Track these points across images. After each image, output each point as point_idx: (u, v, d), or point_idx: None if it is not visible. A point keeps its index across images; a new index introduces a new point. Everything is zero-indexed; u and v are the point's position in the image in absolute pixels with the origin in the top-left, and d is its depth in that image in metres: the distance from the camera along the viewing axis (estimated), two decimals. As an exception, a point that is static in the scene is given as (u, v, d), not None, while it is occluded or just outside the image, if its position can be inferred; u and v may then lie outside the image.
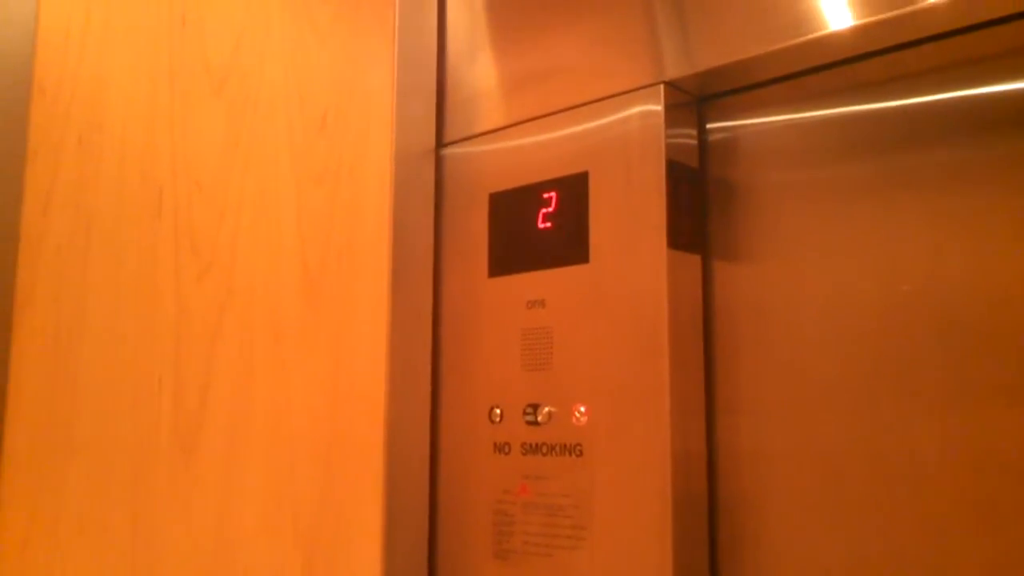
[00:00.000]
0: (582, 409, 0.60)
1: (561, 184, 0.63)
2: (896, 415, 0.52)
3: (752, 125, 0.60)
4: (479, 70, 0.70)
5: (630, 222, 0.59)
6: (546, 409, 0.62)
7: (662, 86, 0.59)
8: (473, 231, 0.69)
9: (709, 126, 0.62)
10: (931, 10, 0.49)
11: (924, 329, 0.51)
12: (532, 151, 0.66)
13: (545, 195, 0.64)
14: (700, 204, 0.61)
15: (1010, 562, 0.48)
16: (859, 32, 0.52)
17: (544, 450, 0.62)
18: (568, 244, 0.62)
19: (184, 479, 0.72)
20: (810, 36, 0.53)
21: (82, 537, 0.71)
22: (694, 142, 0.61)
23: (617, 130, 0.61)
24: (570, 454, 0.60)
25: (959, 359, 0.50)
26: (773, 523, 0.56)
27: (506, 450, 0.64)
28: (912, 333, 0.52)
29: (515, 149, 0.67)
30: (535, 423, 0.62)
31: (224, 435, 0.72)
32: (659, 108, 0.59)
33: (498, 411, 0.65)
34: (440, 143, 0.72)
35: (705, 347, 0.60)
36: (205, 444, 0.72)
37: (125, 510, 0.71)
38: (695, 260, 0.60)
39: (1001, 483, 0.48)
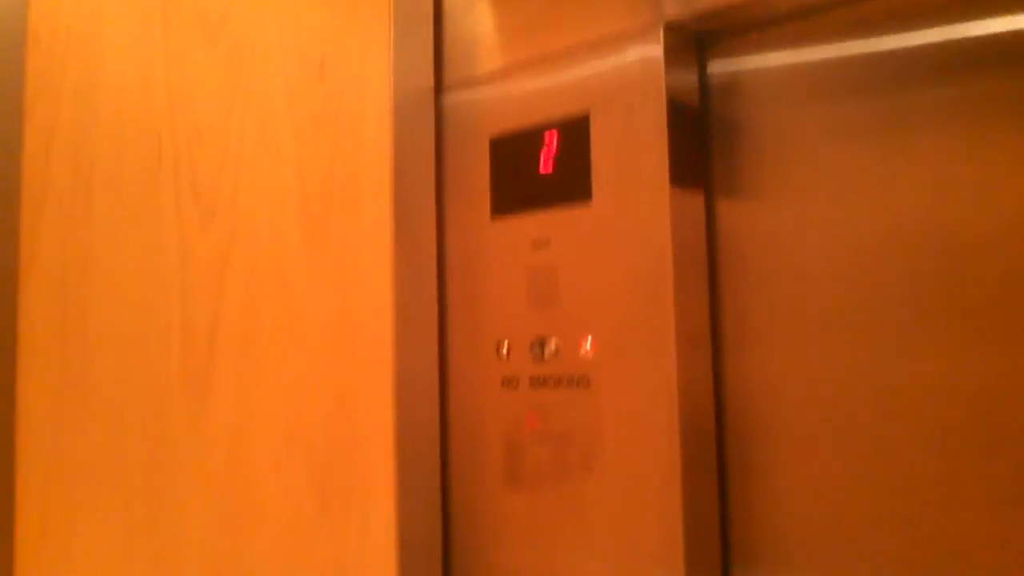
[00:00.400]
0: (589, 342, 0.62)
1: (562, 125, 0.64)
2: (899, 345, 0.54)
3: (753, 64, 0.61)
4: (477, 11, 0.71)
5: (632, 161, 0.60)
6: (553, 343, 0.64)
7: (662, 26, 0.60)
8: (475, 173, 0.70)
9: (710, 65, 0.62)
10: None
11: (926, 262, 0.53)
12: (532, 93, 0.66)
13: (547, 136, 0.65)
14: (702, 142, 0.62)
15: (1010, 484, 0.50)
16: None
17: (552, 383, 0.64)
18: (571, 184, 0.64)
19: (196, 424, 0.73)
20: (810, -26, 0.54)
21: (99, 485, 0.72)
22: (695, 81, 0.62)
23: (617, 70, 0.62)
24: (577, 386, 0.62)
25: (960, 289, 0.52)
26: (781, 449, 0.58)
27: (514, 384, 0.66)
28: (914, 266, 0.53)
29: (515, 91, 0.68)
30: (542, 357, 0.64)
31: (233, 379, 0.73)
32: (659, 47, 0.60)
33: (505, 346, 0.67)
34: (439, 87, 0.72)
35: (710, 281, 0.61)
36: (216, 389, 0.74)
37: (139, 456, 0.72)
38: (698, 197, 0.61)
39: (1002, 409, 0.50)
